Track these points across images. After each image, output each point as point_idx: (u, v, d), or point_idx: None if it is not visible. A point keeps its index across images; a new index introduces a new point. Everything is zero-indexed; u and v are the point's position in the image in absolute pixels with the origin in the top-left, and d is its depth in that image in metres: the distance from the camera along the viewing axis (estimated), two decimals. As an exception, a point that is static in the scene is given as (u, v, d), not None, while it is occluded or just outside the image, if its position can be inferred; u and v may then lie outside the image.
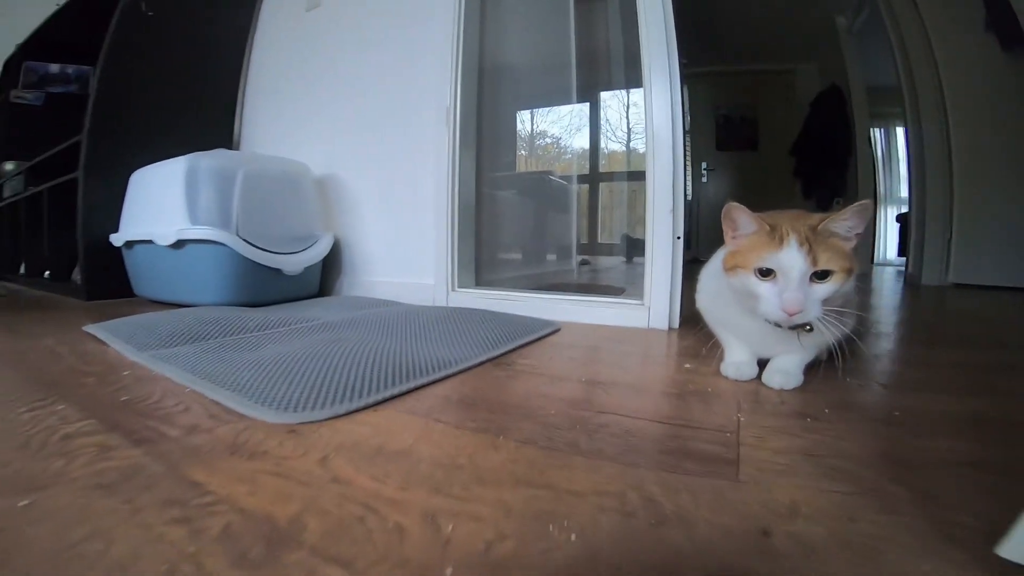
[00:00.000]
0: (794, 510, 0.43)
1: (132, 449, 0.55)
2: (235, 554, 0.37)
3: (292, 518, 0.42)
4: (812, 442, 0.57)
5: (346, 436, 0.60)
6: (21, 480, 0.48)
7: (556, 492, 0.46)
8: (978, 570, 0.34)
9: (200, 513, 0.43)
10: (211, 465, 0.52)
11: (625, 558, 0.37)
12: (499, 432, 0.61)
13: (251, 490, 0.47)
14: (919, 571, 0.34)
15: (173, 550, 0.37)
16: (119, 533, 0.39)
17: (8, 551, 0.36)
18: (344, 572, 0.35)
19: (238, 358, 0.90)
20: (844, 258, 0.68)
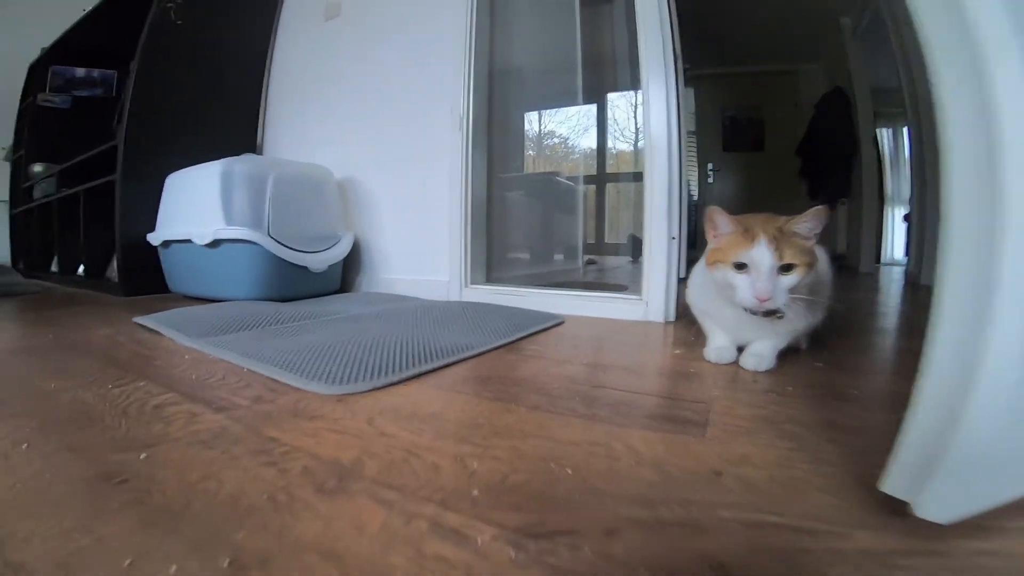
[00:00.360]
0: (744, 459, 0.55)
1: (215, 415, 0.68)
2: (315, 485, 0.50)
3: (353, 460, 0.55)
4: (772, 412, 0.69)
5: (385, 403, 0.72)
6: (134, 439, 0.60)
7: (557, 443, 0.59)
8: (872, 502, 0.45)
9: (282, 459, 0.55)
10: (281, 425, 0.64)
11: (608, 487, 0.49)
12: (511, 401, 0.73)
13: (317, 442, 0.59)
14: (828, 503, 0.46)
15: (268, 484, 0.50)
16: (225, 475, 0.52)
17: (148, 490, 0.48)
18: (398, 494, 0.48)
19: (282, 344, 1.03)
20: (805, 254, 0.80)
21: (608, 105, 3.01)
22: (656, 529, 0.42)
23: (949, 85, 0.36)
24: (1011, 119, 0.32)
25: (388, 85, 2.14)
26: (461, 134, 1.87)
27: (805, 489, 0.48)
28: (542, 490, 0.48)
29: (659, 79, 1.51)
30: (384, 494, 0.47)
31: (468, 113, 1.88)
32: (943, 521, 0.39)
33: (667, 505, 0.45)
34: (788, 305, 0.80)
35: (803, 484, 0.49)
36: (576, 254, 2.61)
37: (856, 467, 0.52)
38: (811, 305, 0.88)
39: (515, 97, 2.27)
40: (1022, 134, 0.32)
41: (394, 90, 2.12)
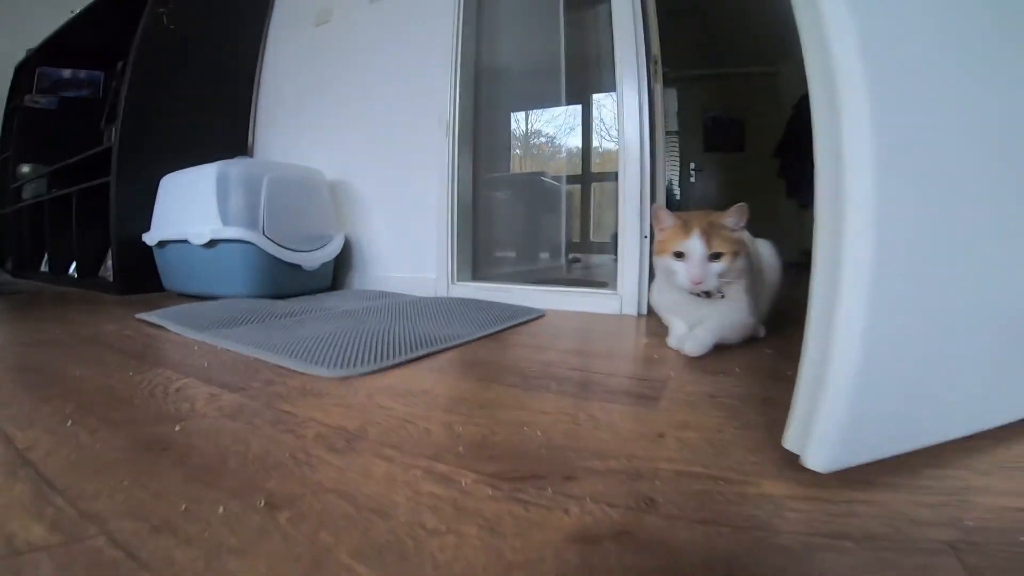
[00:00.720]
0: (685, 425, 0.66)
1: (232, 395, 0.78)
2: (327, 446, 0.60)
3: (358, 427, 0.65)
4: (717, 389, 0.80)
5: (382, 384, 0.83)
6: (165, 415, 0.70)
7: (530, 412, 0.69)
8: (779, 459, 0.55)
9: (297, 427, 0.65)
10: (292, 402, 0.74)
11: (570, 446, 0.59)
12: (492, 381, 0.84)
13: (326, 414, 0.69)
14: (745, 459, 0.56)
15: (289, 446, 0.60)
16: (251, 440, 0.61)
17: (187, 454, 0.58)
18: (397, 451, 0.58)
19: (283, 336, 1.12)
20: (731, 243, 0.95)
21: (593, 106, 3.08)
22: (605, 476, 0.52)
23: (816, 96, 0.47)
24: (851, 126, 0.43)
25: (377, 90, 2.23)
26: (448, 140, 1.97)
27: (729, 448, 0.59)
28: (515, 447, 0.59)
29: (632, 82, 1.62)
30: (385, 452, 0.58)
31: (455, 120, 1.98)
32: (822, 471, 0.50)
33: (616, 458, 0.56)
34: (722, 287, 0.97)
35: (729, 444, 0.60)
36: (560, 252, 2.71)
37: (776, 433, 0.63)
38: (750, 292, 1.03)
39: (501, 98, 2.36)
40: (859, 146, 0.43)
41: (383, 95, 2.21)
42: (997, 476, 0.51)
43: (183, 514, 0.45)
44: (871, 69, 0.43)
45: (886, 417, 0.50)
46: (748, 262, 1.01)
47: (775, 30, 4.16)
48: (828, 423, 0.47)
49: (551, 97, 2.55)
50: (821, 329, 0.48)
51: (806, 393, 0.50)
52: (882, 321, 0.45)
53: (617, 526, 0.43)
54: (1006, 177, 0.51)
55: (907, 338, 0.47)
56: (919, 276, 0.46)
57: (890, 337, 0.46)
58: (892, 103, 0.44)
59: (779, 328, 1.24)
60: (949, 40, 0.47)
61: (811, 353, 0.49)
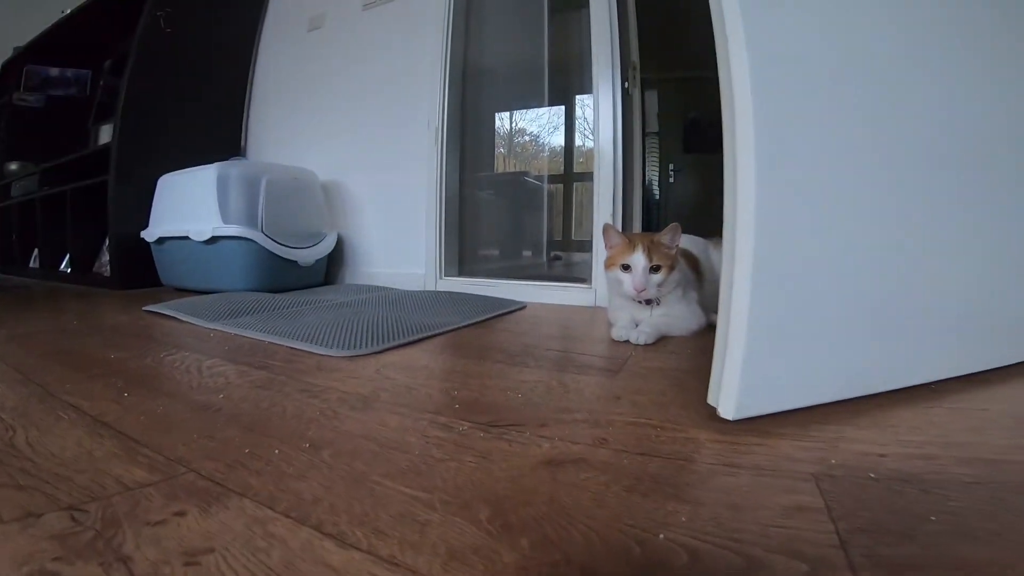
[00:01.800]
0: (637, 390, 0.81)
1: (259, 371, 0.91)
2: (348, 406, 0.74)
3: (370, 392, 0.79)
4: (667, 364, 0.96)
5: (386, 361, 0.97)
6: (206, 387, 0.83)
7: (513, 381, 0.84)
8: (706, 414, 0.71)
9: (321, 393, 0.79)
10: (312, 376, 0.88)
11: (544, 404, 0.74)
12: (481, 358, 0.99)
13: (342, 384, 0.83)
14: (680, 414, 0.72)
15: (317, 408, 0.73)
16: (286, 404, 0.75)
17: (237, 414, 0.71)
18: (406, 408, 0.72)
19: (290, 323, 1.25)
20: (668, 258, 1.13)
21: (576, 107, 3.18)
22: (571, 424, 0.67)
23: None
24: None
25: (368, 93, 2.35)
26: (436, 144, 2.11)
27: (669, 406, 0.74)
28: (501, 405, 0.73)
29: (607, 88, 1.77)
30: (397, 409, 0.72)
31: (443, 123, 2.11)
32: (730, 418, 0.65)
33: (580, 412, 0.71)
34: (661, 296, 1.16)
35: (669, 404, 0.75)
36: (542, 250, 2.85)
37: (705, 395, 0.79)
38: (687, 298, 1.22)
39: (487, 98, 2.48)
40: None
41: (374, 98, 2.33)
42: (869, 431, 0.66)
43: (248, 456, 0.58)
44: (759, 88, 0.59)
45: (774, 379, 0.65)
46: (682, 276, 1.18)
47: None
48: (731, 380, 0.63)
49: (535, 98, 2.66)
50: (725, 307, 0.63)
51: (719, 358, 0.66)
52: (763, 301, 0.60)
53: (577, 455, 0.58)
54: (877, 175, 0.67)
55: (785, 315, 0.63)
56: (796, 263, 0.62)
57: (770, 314, 0.61)
58: (775, 113, 0.59)
59: None
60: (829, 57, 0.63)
61: (720, 326, 0.65)
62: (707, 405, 0.71)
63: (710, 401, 0.69)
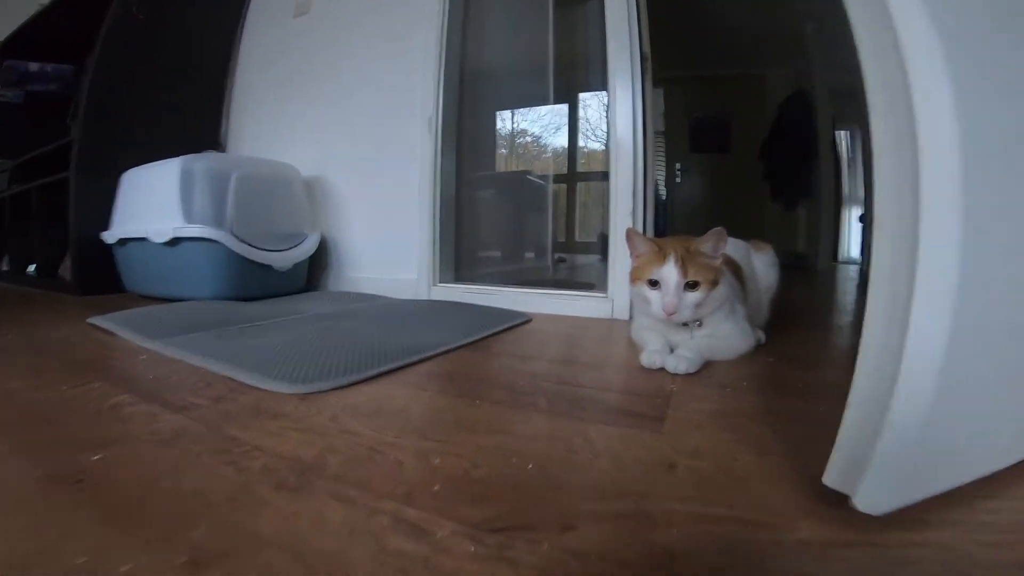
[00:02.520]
0: (695, 452, 0.57)
1: (174, 415, 0.67)
2: (275, 482, 0.50)
3: (315, 457, 0.55)
4: (724, 406, 0.72)
5: (348, 401, 0.73)
6: (90, 440, 0.59)
7: (519, 437, 0.60)
8: (813, 493, 0.47)
9: (242, 457, 0.55)
10: (242, 424, 0.64)
11: (567, 482, 0.50)
12: (475, 397, 0.74)
13: (279, 441, 0.59)
14: (775, 496, 0.48)
15: (228, 482, 0.50)
16: (187, 472, 0.52)
17: (104, 489, 0.48)
18: (360, 490, 0.48)
19: (243, 344, 1.01)
20: (709, 271, 0.89)
21: (580, 105, 3.02)
22: (612, 522, 0.43)
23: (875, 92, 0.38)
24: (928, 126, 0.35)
25: (358, 84, 2.12)
26: (431, 136, 1.88)
27: (751, 480, 0.51)
28: (502, 483, 0.49)
29: (625, 80, 1.54)
30: (346, 491, 0.48)
31: (439, 116, 1.88)
32: (878, 513, 0.42)
33: (622, 498, 0.47)
34: (700, 317, 0.92)
35: (749, 475, 0.52)
36: (546, 252, 2.63)
37: (797, 458, 0.55)
38: (733, 316, 0.98)
39: (487, 96, 2.27)
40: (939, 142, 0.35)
41: (364, 89, 2.10)
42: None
43: (80, 568, 0.35)
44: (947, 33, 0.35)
45: (955, 447, 0.42)
46: (729, 290, 0.95)
47: (762, 32, 4.14)
48: (890, 461, 0.39)
49: (538, 96, 2.47)
50: (882, 353, 0.39)
51: (858, 425, 0.42)
52: (964, 341, 0.37)
53: (630, 596, 0.34)
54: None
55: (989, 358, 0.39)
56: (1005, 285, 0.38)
57: (971, 359, 0.38)
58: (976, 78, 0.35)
59: (779, 331, 1.18)
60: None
61: (866, 381, 0.41)
62: (806, 474, 0.48)
63: (832, 483, 0.46)
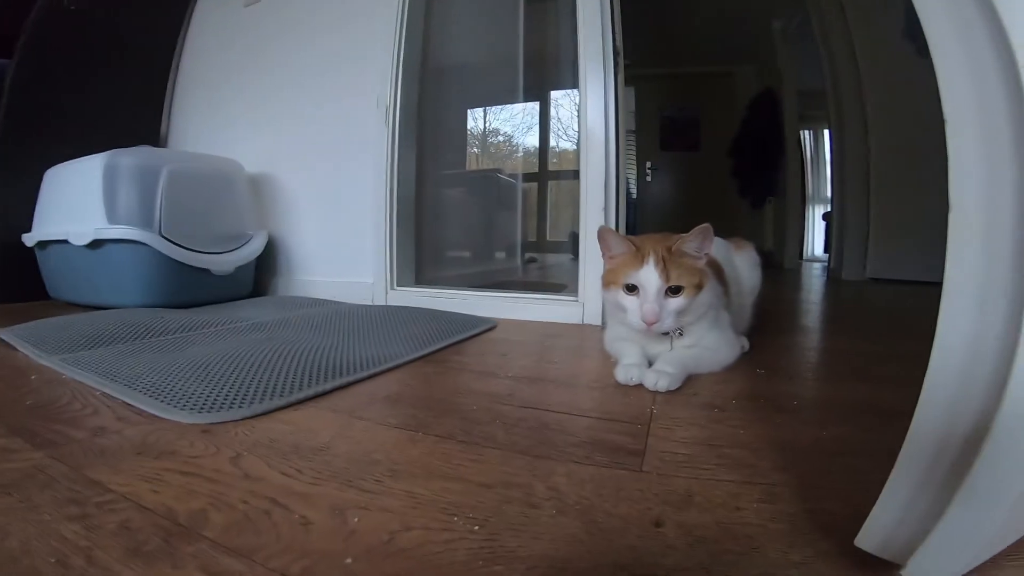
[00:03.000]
0: (687, 499, 0.46)
1: (33, 452, 0.53)
2: (130, 547, 0.37)
3: (194, 513, 0.42)
4: (714, 432, 0.61)
5: (262, 434, 0.59)
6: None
7: (466, 484, 0.48)
8: (842, 560, 0.37)
9: (98, 511, 0.42)
10: (115, 465, 0.51)
11: (523, 549, 0.38)
12: (419, 427, 0.62)
13: (154, 488, 0.46)
14: (789, 562, 0.37)
15: (65, 544, 0.37)
16: (13, 528, 0.39)
17: None
18: (243, 563, 0.36)
19: (156, 360, 0.87)
20: (694, 274, 0.78)
21: (552, 103, 2.96)
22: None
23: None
24: None
25: (311, 76, 1.96)
26: (387, 127, 1.74)
27: (759, 540, 0.40)
28: (436, 558, 0.37)
29: (597, 74, 1.44)
30: (223, 561, 0.36)
31: (395, 104, 1.75)
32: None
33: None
34: (682, 326, 0.81)
35: (756, 532, 0.40)
36: (515, 252, 2.52)
37: (814, 504, 0.44)
38: (718, 324, 0.87)
39: (454, 93, 2.16)
40: None
41: (318, 82, 1.95)
42: None
43: None
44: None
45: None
46: (713, 295, 0.84)
47: (731, 30, 4.12)
48: (969, 524, 0.28)
49: (508, 93, 2.37)
50: (964, 382, 0.28)
51: (919, 474, 0.31)
52: None
53: None
54: None
55: None
56: None
57: None
58: None
59: (761, 336, 1.10)
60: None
61: (935, 418, 0.30)
62: (823, 528, 0.38)
63: (869, 547, 0.35)
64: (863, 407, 0.70)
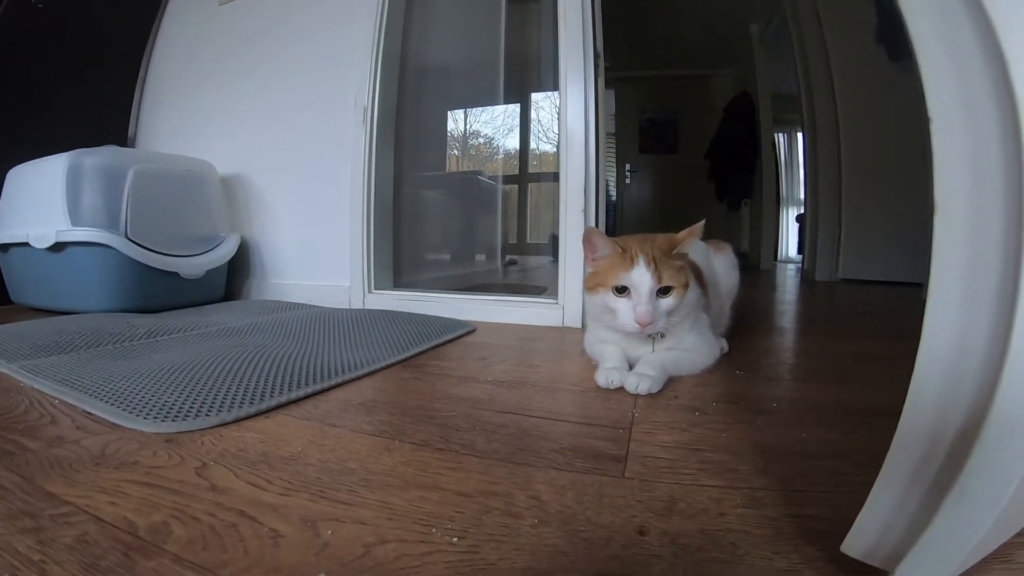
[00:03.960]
0: (670, 506, 0.45)
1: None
2: (86, 562, 0.35)
3: (155, 526, 0.40)
4: (696, 436, 0.60)
5: (231, 443, 0.57)
6: None
7: (444, 494, 0.46)
8: (829, 567, 0.36)
9: (52, 523, 0.40)
10: (72, 477, 0.48)
11: (504, 562, 0.37)
12: (395, 435, 0.60)
13: (113, 500, 0.44)
14: (775, 569, 0.36)
15: (18, 558, 0.35)
16: None
17: None
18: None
19: (119, 367, 0.83)
20: (682, 274, 0.79)
21: (532, 105, 2.95)
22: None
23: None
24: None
25: (288, 76, 1.92)
26: (365, 127, 1.71)
27: (744, 545, 0.39)
28: (413, 572, 0.36)
29: (577, 75, 1.44)
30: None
31: (374, 106, 1.72)
32: None
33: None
34: (673, 328, 0.81)
35: (741, 539, 0.40)
36: (496, 254, 2.51)
37: (798, 509, 0.44)
38: (699, 326, 0.88)
39: (435, 94, 2.14)
40: None
41: (295, 82, 1.90)
42: None
43: None
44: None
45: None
46: (696, 296, 0.85)
47: (710, 34, 4.17)
48: (958, 532, 0.28)
49: (488, 95, 2.36)
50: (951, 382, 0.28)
51: (906, 477, 0.30)
52: None
53: None
54: None
55: None
56: None
57: None
58: None
59: (739, 337, 1.11)
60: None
61: (923, 420, 0.29)
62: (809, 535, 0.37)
63: (856, 553, 0.34)
64: (842, 408, 0.70)
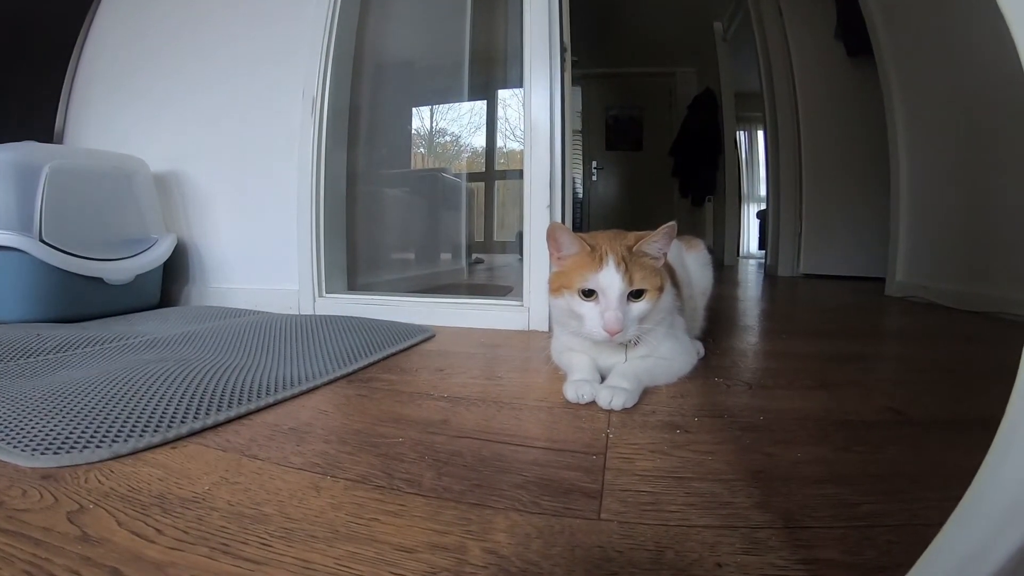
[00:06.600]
0: (658, 558, 0.37)
1: None
2: None
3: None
4: (680, 461, 0.52)
5: (121, 481, 0.47)
6: None
7: (381, 548, 0.37)
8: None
9: None
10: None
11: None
12: (328, 469, 0.50)
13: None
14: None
15: None
16: None
17: None
18: None
19: (10, 387, 0.71)
20: (656, 277, 0.71)
21: (499, 102, 2.90)
22: None
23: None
24: None
25: (231, 69, 1.78)
26: (314, 120, 1.59)
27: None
28: None
29: (543, 68, 1.37)
30: None
31: (324, 97, 1.60)
32: None
33: None
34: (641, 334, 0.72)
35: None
36: (461, 253, 2.42)
37: (804, 553, 0.36)
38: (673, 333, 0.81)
39: (395, 89, 2.05)
40: None
41: (240, 74, 1.76)
42: None
43: None
44: None
45: None
46: (671, 299, 0.78)
47: (674, 31, 4.18)
48: None
49: (453, 92, 2.29)
50: None
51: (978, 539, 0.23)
52: None
53: None
54: None
55: None
56: None
57: None
58: None
59: (715, 339, 1.07)
60: None
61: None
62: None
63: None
64: (831, 420, 0.64)
